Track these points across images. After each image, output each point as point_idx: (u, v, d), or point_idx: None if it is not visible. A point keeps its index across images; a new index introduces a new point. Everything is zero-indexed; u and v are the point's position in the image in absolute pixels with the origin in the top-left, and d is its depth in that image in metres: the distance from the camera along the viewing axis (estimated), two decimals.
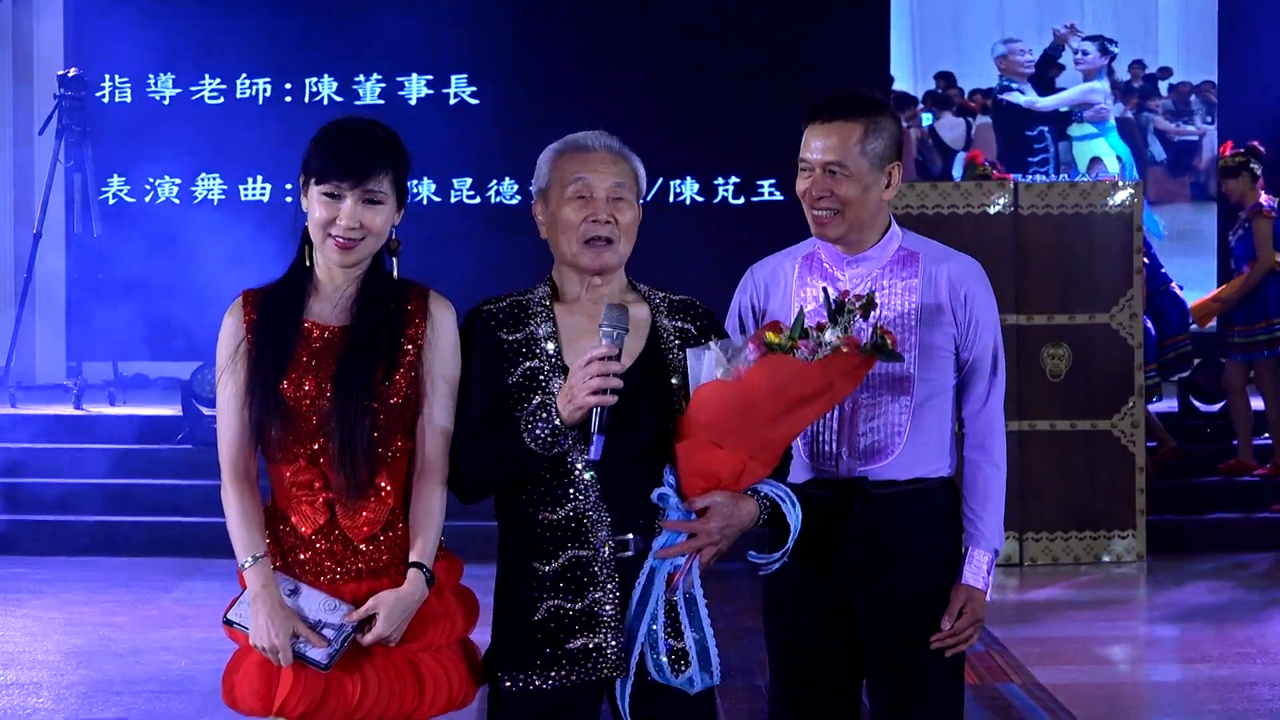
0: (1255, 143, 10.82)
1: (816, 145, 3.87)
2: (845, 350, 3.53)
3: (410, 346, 3.57)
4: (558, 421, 3.46)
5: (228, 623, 3.55)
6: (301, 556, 3.54)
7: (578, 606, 3.53)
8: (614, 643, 3.52)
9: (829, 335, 3.54)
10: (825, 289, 3.73)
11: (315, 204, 3.55)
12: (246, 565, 3.49)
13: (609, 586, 3.53)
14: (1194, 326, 10.78)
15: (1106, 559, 9.56)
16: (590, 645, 3.53)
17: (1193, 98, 14.62)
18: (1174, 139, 14.76)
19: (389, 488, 3.55)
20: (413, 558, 3.54)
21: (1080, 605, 8.71)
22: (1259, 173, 10.62)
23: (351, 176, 3.52)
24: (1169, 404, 11.21)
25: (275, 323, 3.56)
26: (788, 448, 3.74)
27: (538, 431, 3.48)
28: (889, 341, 3.58)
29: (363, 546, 3.54)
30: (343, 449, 3.49)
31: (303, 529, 3.53)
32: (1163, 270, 10.56)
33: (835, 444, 3.90)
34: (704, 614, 3.57)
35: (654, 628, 3.52)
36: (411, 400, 3.57)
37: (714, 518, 3.52)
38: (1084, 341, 9.63)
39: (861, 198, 3.86)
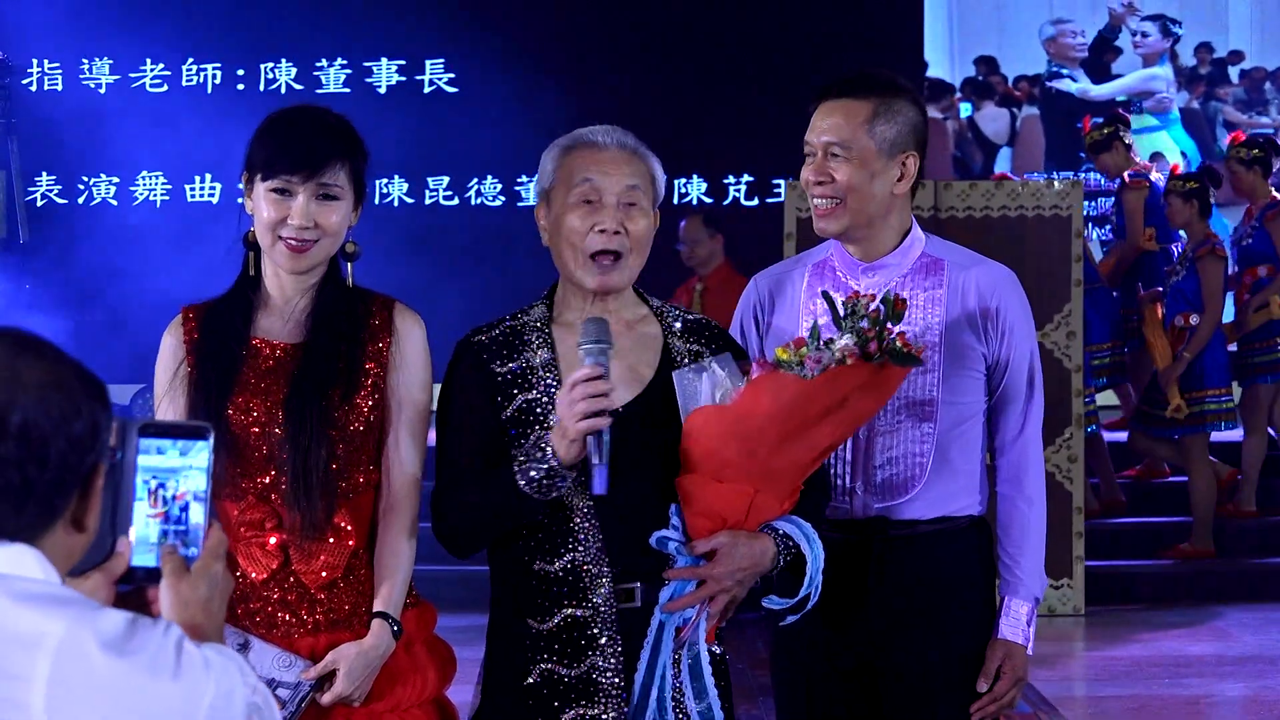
0: (1120, 109, 10.92)
1: (820, 125, 3.86)
2: (850, 362, 3.47)
3: (373, 365, 3.57)
4: (554, 462, 3.43)
5: None
6: (252, 606, 3.54)
7: (574, 672, 3.52)
8: (613, 714, 3.52)
9: (836, 345, 3.49)
10: (825, 292, 3.70)
11: (262, 203, 3.55)
12: None
13: (609, 651, 3.51)
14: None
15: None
16: (588, 716, 3.52)
17: (1267, 85, 14.66)
18: (1247, 132, 14.80)
19: (350, 527, 3.54)
20: (377, 606, 3.53)
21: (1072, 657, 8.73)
22: (1131, 141, 10.71)
23: (303, 169, 3.52)
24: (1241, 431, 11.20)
25: (218, 341, 3.56)
26: (821, 481, 3.73)
27: (533, 474, 3.44)
28: (900, 344, 3.50)
29: (320, 595, 3.54)
30: (295, 482, 3.48)
31: (253, 575, 3.53)
32: (1091, 266, 10.50)
33: (848, 479, 3.88)
34: (708, 675, 3.56)
35: (664, 692, 3.52)
36: (375, 426, 3.57)
37: (721, 561, 3.49)
38: None
39: (865, 187, 3.84)
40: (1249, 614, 9.81)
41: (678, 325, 3.69)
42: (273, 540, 3.53)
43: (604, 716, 3.52)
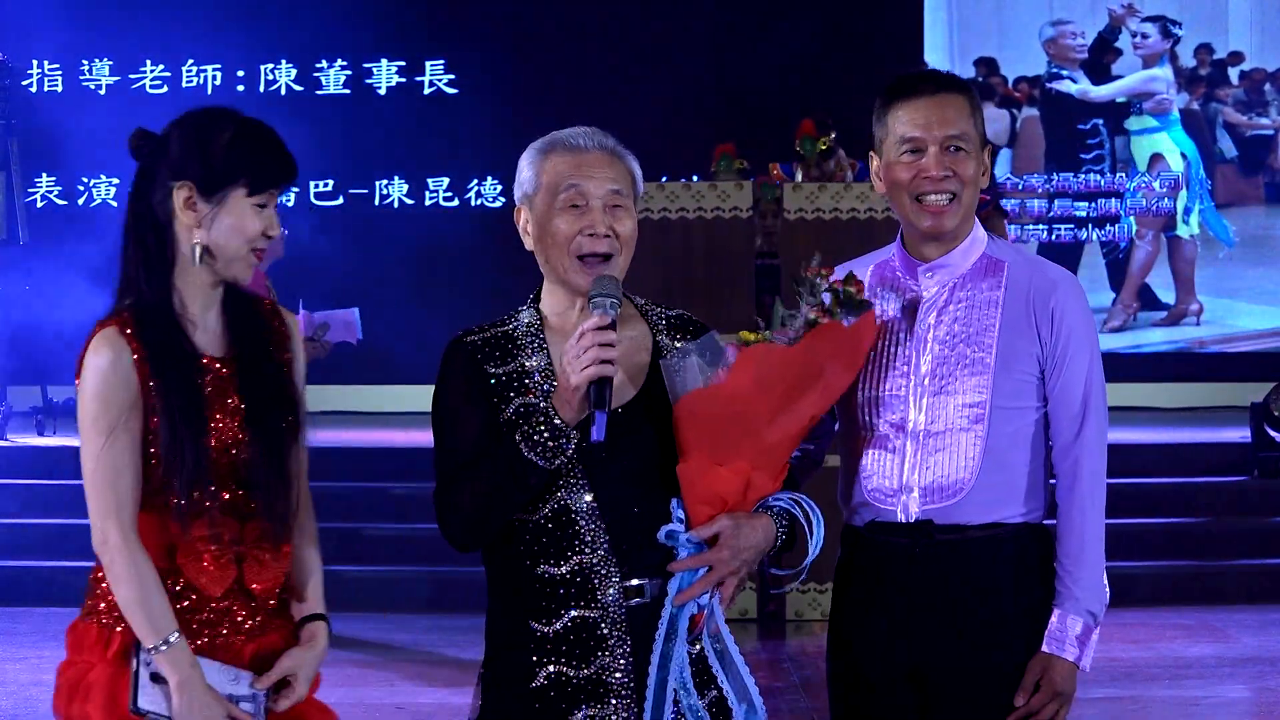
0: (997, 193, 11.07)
1: (932, 119, 3.81)
2: (823, 321, 3.52)
3: (288, 372, 3.62)
4: (557, 420, 3.44)
5: (139, 712, 3.43)
6: (203, 617, 3.53)
7: (583, 673, 3.52)
8: (624, 714, 3.52)
9: (801, 311, 3.53)
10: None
11: (247, 215, 3.52)
12: (162, 649, 3.42)
13: (619, 651, 3.52)
14: None
15: None
16: (598, 717, 3.52)
17: (1267, 86, 14.67)
18: (1246, 133, 14.80)
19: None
20: (312, 609, 3.63)
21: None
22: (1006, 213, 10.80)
23: (287, 181, 3.56)
24: (1241, 432, 11.22)
25: (174, 359, 3.51)
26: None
27: (535, 438, 3.45)
28: (854, 289, 3.56)
29: (271, 603, 3.58)
30: (269, 494, 3.52)
31: (209, 589, 3.51)
32: None
33: (895, 480, 3.84)
34: (737, 656, 3.58)
35: (680, 687, 3.52)
36: (293, 431, 3.60)
37: (726, 544, 3.51)
38: None
39: (977, 180, 3.85)
40: (1248, 615, 9.83)
41: (662, 322, 3.71)
42: (230, 554, 3.51)
43: (613, 716, 3.52)
